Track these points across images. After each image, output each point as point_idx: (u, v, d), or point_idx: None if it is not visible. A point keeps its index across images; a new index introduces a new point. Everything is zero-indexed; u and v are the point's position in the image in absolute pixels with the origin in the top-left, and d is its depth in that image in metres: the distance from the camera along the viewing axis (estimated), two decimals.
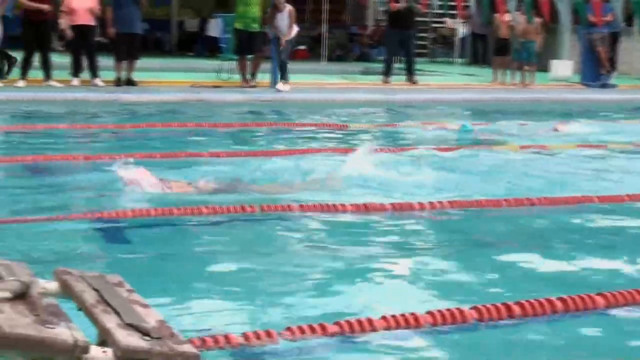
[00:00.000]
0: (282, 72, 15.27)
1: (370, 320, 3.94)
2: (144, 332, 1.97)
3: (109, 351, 1.91)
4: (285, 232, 5.86)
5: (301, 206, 6.27)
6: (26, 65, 13.92)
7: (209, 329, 3.87)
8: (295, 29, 15.51)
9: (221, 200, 6.29)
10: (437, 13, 25.34)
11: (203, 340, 3.62)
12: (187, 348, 1.94)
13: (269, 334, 3.76)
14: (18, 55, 14.06)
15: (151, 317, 2.09)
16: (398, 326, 3.95)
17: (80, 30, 14.02)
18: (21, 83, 13.73)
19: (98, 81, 14.31)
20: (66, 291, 2.28)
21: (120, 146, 9.05)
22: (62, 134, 10.05)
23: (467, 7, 23.17)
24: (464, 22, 25.25)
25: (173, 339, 1.98)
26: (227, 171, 7.73)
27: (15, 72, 14.13)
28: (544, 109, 14.61)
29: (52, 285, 2.30)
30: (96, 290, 2.23)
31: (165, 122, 10.94)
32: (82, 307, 2.15)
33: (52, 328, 1.87)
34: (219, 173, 7.56)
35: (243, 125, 11.47)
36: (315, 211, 6.23)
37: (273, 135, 10.65)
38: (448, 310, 4.08)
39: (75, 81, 14.24)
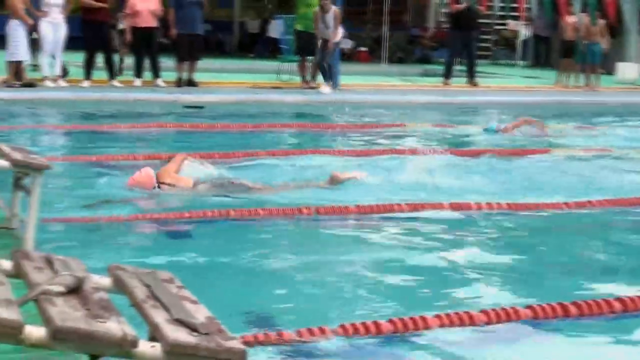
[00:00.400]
0: (325, 74, 15.16)
1: (424, 318, 3.95)
2: (192, 328, 1.99)
3: (157, 346, 1.94)
4: (340, 232, 5.89)
5: (357, 207, 6.29)
6: (89, 66, 14.10)
7: (262, 326, 3.92)
8: (340, 31, 15.32)
9: (274, 202, 6.36)
10: (499, 15, 25.09)
11: (256, 337, 3.67)
12: (234, 344, 1.96)
13: (322, 331, 3.80)
14: (80, 57, 14.27)
15: (200, 313, 2.12)
16: (452, 324, 3.96)
17: (143, 32, 14.17)
18: (85, 83, 13.94)
19: (159, 82, 14.47)
20: (119, 287, 2.32)
21: (179, 146, 9.15)
22: (123, 134, 10.19)
23: (529, 9, 22.93)
24: (526, 24, 24.97)
25: (221, 334, 2.00)
26: (285, 171, 7.81)
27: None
28: (609, 112, 14.37)
29: (106, 281, 2.35)
30: (147, 286, 2.27)
31: (224, 122, 11.01)
32: (133, 302, 2.19)
33: (102, 322, 1.91)
34: (275, 172, 7.65)
35: (301, 126, 11.49)
36: (371, 212, 6.26)
37: (330, 136, 10.67)
38: (503, 309, 4.08)
39: (137, 82, 14.41)
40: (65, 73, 13.89)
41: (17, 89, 12.86)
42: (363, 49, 24.13)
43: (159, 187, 6.43)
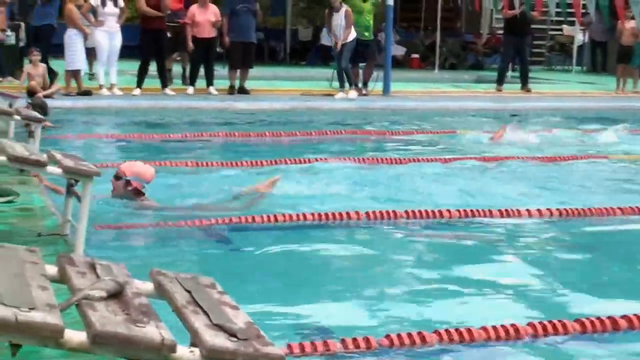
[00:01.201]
0: (342, 80, 14.99)
1: (469, 330, 3.91)
2: (231, 333, 2.00)
3: (196, 351, 1.95)
4: (388, 240, 5.88)
5: (406, 212, 6.26)
6: (142, 74, 14.27)
7: (307, 335, 3.92)
8: (352, 33, 14.89)
9: (322, 208, 6.36)
10: (553, 20, 24.82)
11: (302, 346, 3.67)
12: (272, 350, 1.96)
13: (367, 341, 3.79)
14: (135, 65, 14.45)
15: (239, 319, 2.12)
16: (498, 337, 3.92)
17: (202, 43, 14.29)
18: (136, 91, 14.11)
19: (212, 90, 14.58)
20: (160, 292, 2.33)
21: (228, 154, 9.22)
22: (175, 141, 10.28)
23: (586, 13, 22.66)
24: (582, 29, 24.66)
25: (259, 340, 2.00)
26: (335, 179, 7.82)
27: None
28: None
29: (147, 286, 2.36)
30: (188, 291, 2.28)
31: (274, 130, 11.05)
32: (174, 307, 2.20)
33: (141, 327, 1.92)
34: (326, 180, 7.68)
35: (352, 132, 11.48)
36: (420, 218, 6.24)
37: (381, 143, 10.66)
38: (550, 322, 4.02)
39: (190, 90, 14.54)
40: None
41: (74, 97, 13.07)
42: (415, 55, 24.05)
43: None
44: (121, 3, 13.97)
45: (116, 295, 2.10)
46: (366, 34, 15.41)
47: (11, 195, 5.59)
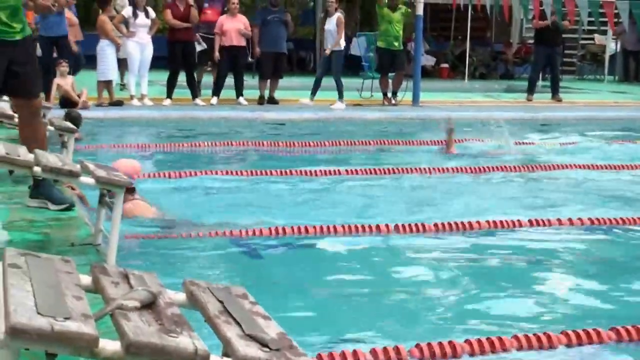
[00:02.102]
0: (316, 88, 14.84)
1: (501, 339, 3.90)
2: (263, 343, 2.01)
3: None
4: (415, 252, 5.86)
5: (435, 225, 6.26)
6: (171, 85, 14.38)
7: (337, 345, 3.92)
8: (342, 42, 14.71)
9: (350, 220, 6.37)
10: (585, 29, 24.71)
11: (331, 356, 3.67)
12: None
13: (397, 351, 3.78)
14: (164, 75, 14.56)
15: (271, 329, 2.13)
16: (530, 346, 3.90)
17: (230, 51, 14.35)
18: (166, 102, 14.21)
19: (242, 100, 14.63)
20: (192, 302, 2.35)
21: (257, 164, 9.24)
22: (204, 152, 10.34)
23: (619, 22, 22.54)
24: (615, 39, 24.51)
25: (291, 350, 2.01)
26: (366, 189, 7.84)
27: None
28: None
29: (180, 296, 2.38)
30: (220, 301, 2.29)
31: (303, 140, 11.07)
32: (206, 317, 2.22)
33: (174, 337, 1.93)
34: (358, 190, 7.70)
35: (381, 142, 11.46)
36: (444, 230, 6.22)
37: (409, 153, 10.62)
38: (584, 330, 4.00)
39: (214, 100, 14.55)
40: None
41: (106, 108, 13.19)
42: (444, 65, 24.04)
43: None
44: (152, 14, 14.08)
45: (149, 305, 2.12)
46: (395, 43, 15.41)
47: (67, 204, 5.63)
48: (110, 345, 1.90)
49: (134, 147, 10.64)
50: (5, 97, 6.89)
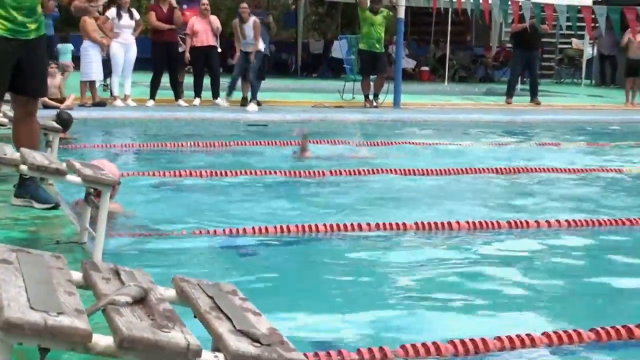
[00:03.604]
0: (253, 92, 14.52)
1: (484, 340, 3.91)
2: (254, 339, 2.00)
3: (220, 356, 1.95)
4: (399, 251, 5.89)
5: (417, 224, 6.29)
6: (155, 86, 14.34)
7: (323, 344, 3.92)
8: (261, 45, 14.47)
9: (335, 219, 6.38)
10: (563, 34, 24.87)
11: (317, 355, 3.68)
12: (296, 355, 1.96)
13: (382, 351, 3.78)
14: (147, 77, 14.52)
15: (262, 325, 2.12)
16: (513, 347, 3.91)
17: (202, 51, 14.30)
18: (150, 103, 14.16)
19: (220, 101, 14.52)
20: (183, 298, 2.34)
21: (239, 163, 9.22)
22: (186, 152, 10.31)
23: (596, 27, 22.70)
24: (591, 43, 24.67)
25: (282, 346, 2.00)
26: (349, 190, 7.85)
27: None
28: None
29: (170, 292, 2.37)
30: (210, 297, 2.29)
31: (284, 140, 11.06)
32: (197, 313, 2.21)
33: (167, 332, 1.93)
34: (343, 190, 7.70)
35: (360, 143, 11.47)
36: (427, 229, 6.26)
37: (388, 153, 10.64)
38: (565, 331, 4.02)
39: (197, 101, 14.51)
40: None
41: (89, 108, 13.12)
42: (425, 68, 24.12)
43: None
44: (137, 16, 14.05)
45: (141, 300, 2.11)
46: (377, 46, 15.44)
47: (52, 203, 5.60)
48: (103, 340, 1.89)
49: (117, 147, 10.61)
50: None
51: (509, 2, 15.45)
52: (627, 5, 16.01)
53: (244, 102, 14.80)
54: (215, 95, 14.65)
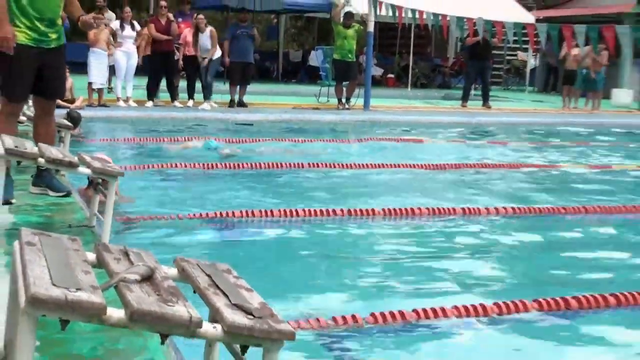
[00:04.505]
0: (206, 92, 14.30)
1: (443, 309, 3.96)
2: (248, 312, 2.00)
3: (218, 327, 1.96)
4: (368, 234, 5.87)
5: (384, 210, 6.31)
6: (153, 89, 14.26)
7: (304, 314, 3.93)
8: (218, 51, 14.30)
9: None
10: (510, 47, 24.98)
11: (298, 323, 3.69)
12: (285, 326, 1.97)
13: (355, 319, 3.81)
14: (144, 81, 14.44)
15: (254, 300, 2.13)
16: (468, 314, 3.96)
17: (192, 60, 14.18)
18: (149, 104, 14.09)
19: (206, 105, 14.34)
20: (183, 276, 2.34)
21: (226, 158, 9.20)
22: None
23: (538, 41, 22.83)
24: (534, 55, 24.82)
25: (272, 318, 2.01)
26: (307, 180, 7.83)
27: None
28: (607, 132, 14.27)
29: (173, 271, 2.37)
30: (208, 275, 2.29)
31: (268, 137, 11.04)
32: (197, 289, 2.21)
33: (171, 306, 1.93)
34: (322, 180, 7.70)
35: (331, 141, 11.45)
36: (393, 215, 6.27)
37: (360, 149, 10.65)
38: (512, 301, 4.07)
39: (190, 102, 14.41)
40: None
41: (95, 108, 13.03)
42: (391, 75, 24.14)
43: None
44: (137, 27, 13.96)
45: (148, 278, 2.11)
46: (350, 56, 15.46)
47: (65, 191, 5.57)
48: (116, 313, 1.89)
49: (119, 142, 10.55)
50: None
51: (465, 19, 15.46)
52: (565, 24, 16.14)
53: (231, 104, 14.76)
54: (206, 97, 14.54)
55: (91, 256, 2.32)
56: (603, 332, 3.92)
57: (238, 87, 14.91)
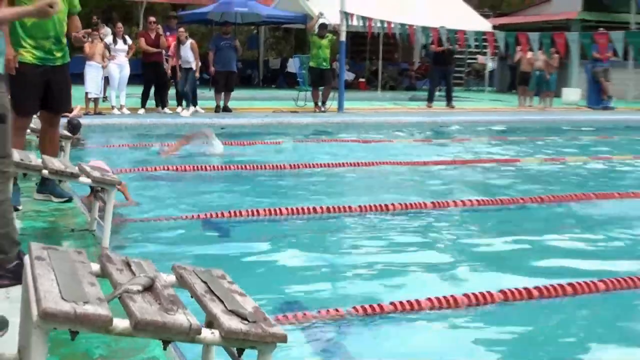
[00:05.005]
0: (187, 100, 13.98)
1: (418, 301, 3.96)
2: (243, 317, 1.99)
3: (216, 332, 1.94)
4: (347, 229, 5.86)
5: (360, 207, 6.30)
6: (145, 97, 14.14)
7: (291, 307, 3.92)
8: (196, 63, 13.76)
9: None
10: (470, 51, 25.09)
11: (286, 316, 3.68)
12: (277, 330, 1.96)
13: (337, 311, 3.81)
14: (139, 90, 14.29)
15: (248, 304, 2.11)
16: (441, 306, 3.96)
17: (183, 70, 14.02)
18: (141, 111, 13.97)
19: (198, 108, 14.24)
20: (182, 283, 2.32)
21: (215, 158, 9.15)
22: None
23: (497, 47, 22.93)
24: (492, 59, 24.93)
25: (265, 322, 2.00)
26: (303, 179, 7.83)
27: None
28: (558, 128, 14.37)
29: (171, 278, 2.35)
30: (204, 282, 2.27)
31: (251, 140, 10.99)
32: (194, 295, 2.19)
33: (172, 314, 1.91)
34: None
35: (308, 141, 11.44)
36: (367, 211, 6.24)
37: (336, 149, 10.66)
38: (481, 293, 4.08)
39: (179, 109, 14.28)
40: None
41: (92, 116, 12.90)
42: (362, 79, 24.15)
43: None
44: (129, 41, 13.84)
45: (149, 288, 2.09)
46: (324, 63, 15.45)
47: (67, 197, 5.52)
48: (121, 323, 1.87)
49: (115, 147, 10.45)
50: None
51: (429, 29, 15.51)
52: (520, 31, 16.24)
53: (217, 110, 14.68)
54: (194, 103, 14.43)
55: (95, 267, 2.29)
56: (564, 320, 3.95)
57: (222, 93, 14.83)
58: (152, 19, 13.95)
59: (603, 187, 7.63)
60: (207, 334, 1.92)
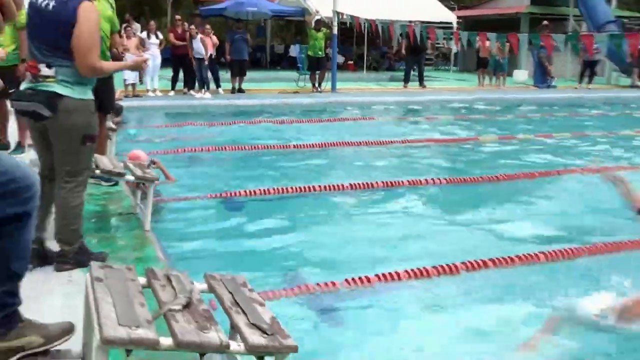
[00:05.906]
0: (202, 84, 13.63)
1: (397, 273, 3.94)
2: (262, 330, 1.99)
3: (242, 345, 1.94)
4: (334, 206, 5.62)
5: (351, 185, 6.09)
6: (174, 82, 13.99)
7: (290, 280, 3.89)
8: (207, 53, 13.28)
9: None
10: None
11: (285, 290, 3.68)
12: (290, 342, 1.96)
13: (333, 284, 3.81)
14: (168, 72, 14.10)
15: (266, 315, 2.10)
16: (416, 277, 3.94)
17: (200, 59, 13.75)
18: (171, 93, 13.83)
19: (220, 90, 14.18)
20: (211, 291, 2.32)
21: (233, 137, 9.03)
22: (199, 128, 10.00)
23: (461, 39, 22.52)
24: (456, 45, 24.57)
25: (281, 333, 2.00)
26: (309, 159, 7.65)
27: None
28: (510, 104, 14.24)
29: (202, 286, 2.35)
30: (230, 292, 2.26)
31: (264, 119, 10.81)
32: (222, 305, 2.19)
33: (206, 332, 1.92)
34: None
35: (309, 121, 11.30)
36: (349, 189, 6.01)
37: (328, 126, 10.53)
38: (448, 265, 4.04)
39: (202, 91, 14.14)
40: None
41: (130, 99, 12.76)
42: (350, 62, 23.84)
43: (153, 163, 5.74)
44: (160, 36, 13.68)
45: (187, 305, 2.09)
46: (320, 52, 15.27)
47: (113, 181, 5.47)
48: (165, 341, 1.88)
49: (152, 127, 10.35)
50: None
51: (407, 26, 15.31)
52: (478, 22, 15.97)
53: (233, 91, 14.53)
54: (217, 85, 14.14)
55: (142, 280, 2.29)
56: (526, 286, 3.88)
57: (237, 78, 14.66)
58: (178, 17, 13.71)
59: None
60: (234, 346, 1.93)
